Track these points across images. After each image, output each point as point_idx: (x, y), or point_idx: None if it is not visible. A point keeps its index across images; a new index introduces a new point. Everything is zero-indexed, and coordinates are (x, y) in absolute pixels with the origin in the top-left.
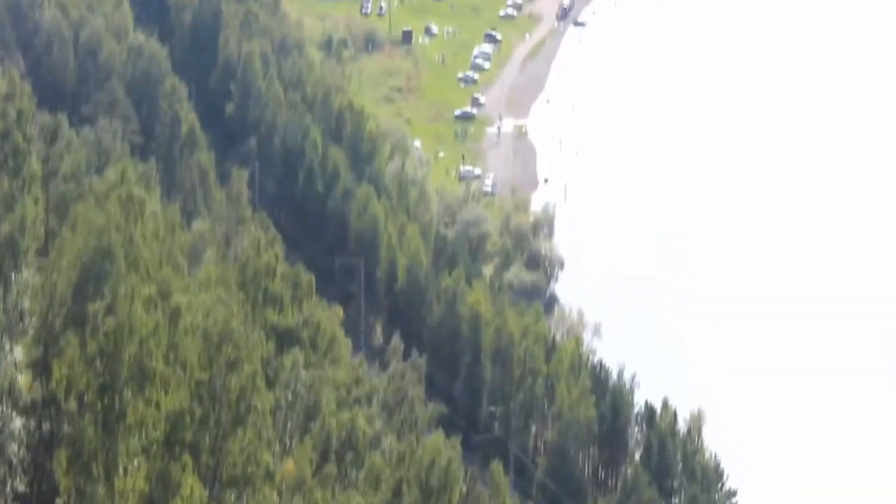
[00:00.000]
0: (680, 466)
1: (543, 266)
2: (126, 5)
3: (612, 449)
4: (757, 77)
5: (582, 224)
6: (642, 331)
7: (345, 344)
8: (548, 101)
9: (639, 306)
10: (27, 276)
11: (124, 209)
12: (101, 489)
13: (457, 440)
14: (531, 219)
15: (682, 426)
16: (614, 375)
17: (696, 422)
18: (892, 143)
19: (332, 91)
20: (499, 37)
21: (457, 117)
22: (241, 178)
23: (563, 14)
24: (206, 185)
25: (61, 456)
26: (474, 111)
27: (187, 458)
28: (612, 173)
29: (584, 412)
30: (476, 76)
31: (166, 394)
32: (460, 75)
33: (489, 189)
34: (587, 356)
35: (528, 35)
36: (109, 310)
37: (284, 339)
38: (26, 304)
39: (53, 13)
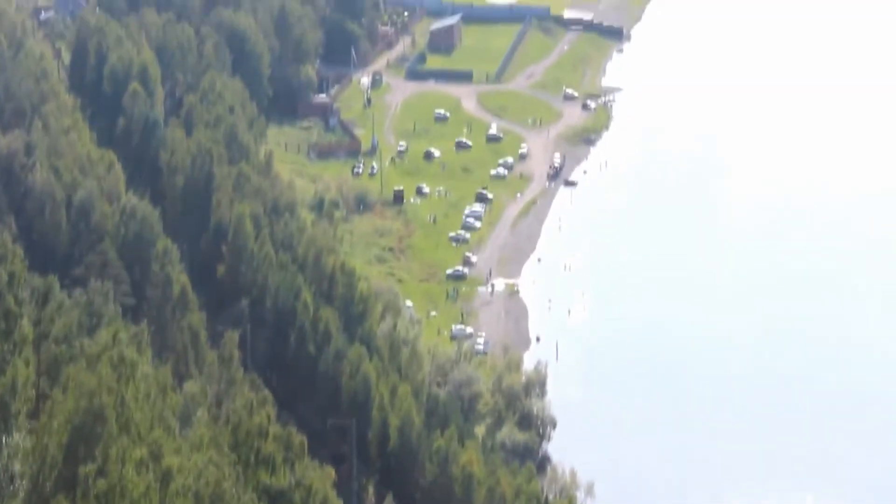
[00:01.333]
0: None
1: (536, 426)
2: (118, 168)
3: None
4: (742, 209)
5: (574, 383)
6: (636, 491)
7: None
8: (539, 261)
9: (632, 466)
10: (18, 438)
11: (116, 371)
12: None
13: None
14: (523, 378)
15: None
16: None
17: None
18: None
19: (323, 252)
20: (490, 196)
21: (448, 276)
22: (232, 339)
23: (555, 174)
24: (198, 347)
25: None
26: (466, 270)
27: None
28: (604, 331)
29: None
30: (468, 235)
31: None
32: (452, 235)
33: (481, 348)
34: None
35: (519, 195)
36: (101, 472)
37: (277, 501)
38: (17, 467)
39: (45, 176)
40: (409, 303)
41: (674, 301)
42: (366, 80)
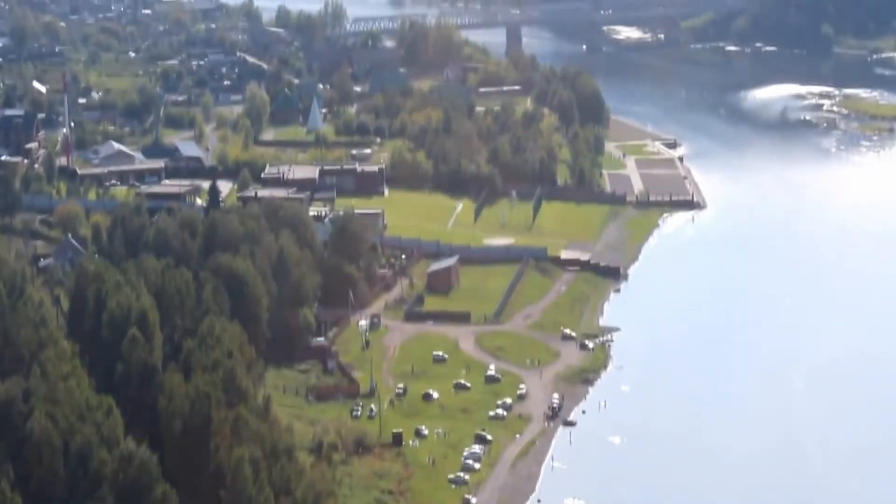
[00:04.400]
0: None
1: None
2: (117, 413)
3: None
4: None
5: None
6: None
7: None
8: (539, 502)
9: None
10: None
11: None
12: None
13: None
14: None
15: None
16: None
17: None
18: None
19: (322, 495)
20: (489, 437)
21: None
22: None
23: (553, 414)
24: None
25: None
26: None
27: None
28: None
29: None
30: (467, 477)
31: None
32: (451, 476)
33: None
34: None
35: (518, 435)
36: None
37: None
38: None
39: (43, 423)
40: None
41: None
42: (364, 323)
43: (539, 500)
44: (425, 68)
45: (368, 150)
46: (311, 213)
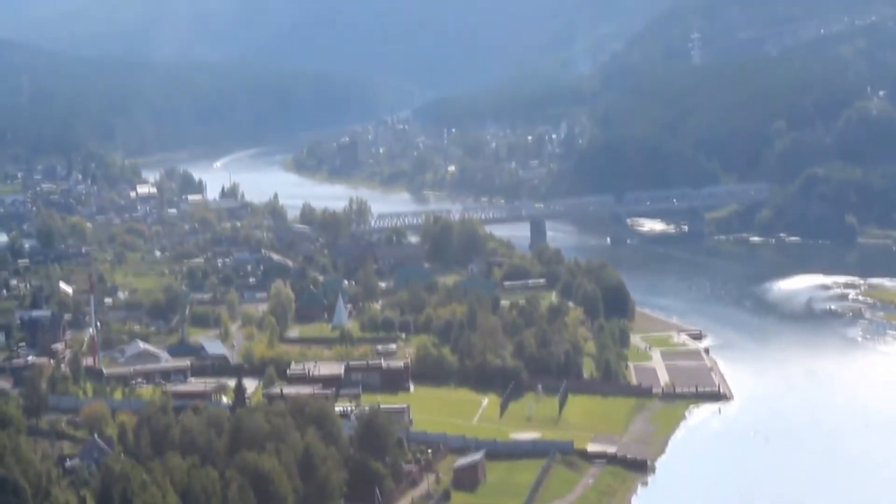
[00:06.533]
0: None
1: None
2: None
3: None
4: None
5: None
6: None
7: None
8: None
9: None
10: None
11: None
12: None
13: None
14: None
15: None
16: None
17: None
18: None
19: None
20: None
21: None
22: None
23: None
24: None
25: None
26: None
27: None
28: None
29: None
30: None
31: None
32: None
33: None
34: None
35: None
36: None
37: None
38: None
39: None
40: None
41: None
42: None
43: None
44: (450, 263)
45: (393, 346)
46: (336, 410)
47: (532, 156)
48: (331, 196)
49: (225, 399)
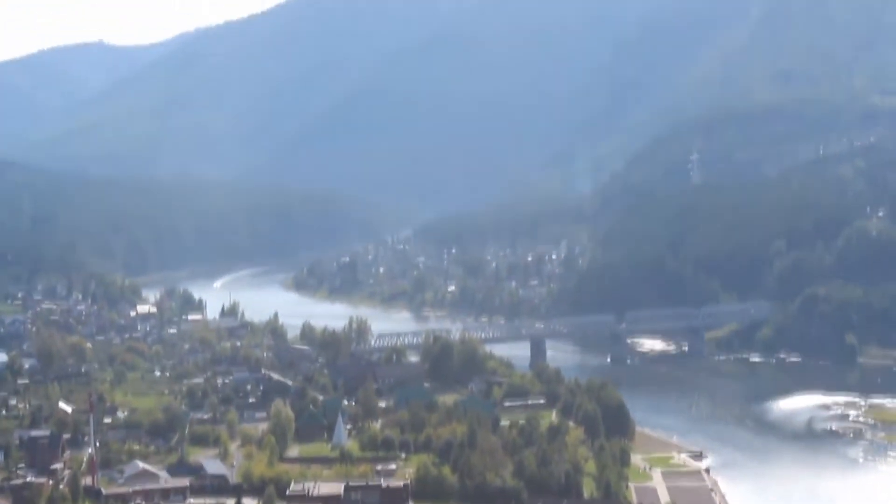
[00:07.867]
0: None
1: None
2: None
3: None
4: None
5: None
6: None
7: None
8: None
9: None
10: None
11: None
12: None
13: None
14: None
15: None
16: None
17: None
18: None
19: None
20: None
21: None
22: None
23: None
24: None
25: None
26: None
27: None
28: None
29: None
30: None
31: None
32: None
33: None
34: None
35: None
36: None
37: None
38: None
39: None
40: None
41: None
42: None
43: None
44: (450, 382)
45: (393, 466)
46: None
47: (532, 275)
48: (331, 315)
49: None
